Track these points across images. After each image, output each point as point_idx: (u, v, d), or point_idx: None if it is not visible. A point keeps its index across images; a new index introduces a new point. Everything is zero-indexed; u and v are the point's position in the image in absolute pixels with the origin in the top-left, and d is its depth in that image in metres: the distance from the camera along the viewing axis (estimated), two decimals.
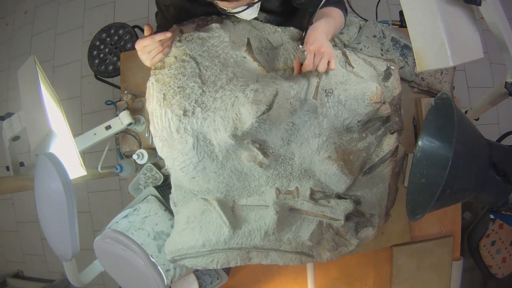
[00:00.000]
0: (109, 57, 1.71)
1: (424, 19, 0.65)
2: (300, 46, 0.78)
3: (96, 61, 1.71)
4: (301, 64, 0.81)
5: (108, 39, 1.72)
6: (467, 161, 0.60)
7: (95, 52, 1.72)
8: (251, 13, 0.82)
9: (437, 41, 0.64)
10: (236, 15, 0.81)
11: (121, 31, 1.72)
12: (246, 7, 0.76)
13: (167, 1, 0.93)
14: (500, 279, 1.47)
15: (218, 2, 0.75)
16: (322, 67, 0.79)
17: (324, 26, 0.85)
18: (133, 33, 1.71)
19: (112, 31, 1.72)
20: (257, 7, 0.81)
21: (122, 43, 1.71)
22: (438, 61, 0.66)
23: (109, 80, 1.83)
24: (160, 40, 0.79)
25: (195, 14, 0.95)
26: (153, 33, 0.80)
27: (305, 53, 0.78)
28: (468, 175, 0.62)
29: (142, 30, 1.51)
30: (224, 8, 0.77)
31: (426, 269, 1.18)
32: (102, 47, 1.72)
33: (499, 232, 1.41)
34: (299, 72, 0.84)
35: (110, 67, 1.70)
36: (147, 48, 0.79)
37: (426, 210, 0.63)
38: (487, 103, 0.90)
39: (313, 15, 0.80)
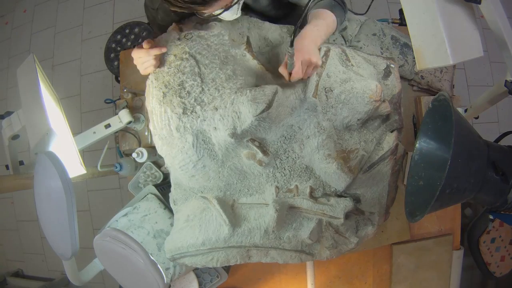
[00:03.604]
0: None
1: (424, 18, 0.65)
2: (289, 49, 0.72)
3: (115, 63, 1.68)
4: (290, 73, 0.79)
5: (124, 39, 1.70)
6: (466, 161, 0.61)
7: (112, 55, 1.69)
8: (231, 15, 0.82)
9: (437, 40, 0.64)
10: (218, 16, 0.80)
11: (136, 29, 1.69)
12: (222, 10, 0.76)
13: (155, 4, 0.93)
14: (499, 278, 1.47)
15: (195, 9, 0.73)
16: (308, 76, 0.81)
17: (314, 33, 0.80)
18: (150, 30, 1.67)
19: (127, 31, 1.70)
20: (237, 8, 0.80)
21: (140, 40, 1.67)
22: (438, 59, 0.65)
23: None
24: (155, 55, 0.80)
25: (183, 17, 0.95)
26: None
27: (293, 59, 0.74)
28: (466, 175, 0.62)
29: None
30: (203, 12, 0.75)
31: (426, 267, 1.18)
32: (118, 48, 1.70)
33: (500, 230, 1.42)
34: (289, 80, 0.80)
35: None
36: (142, 59, 0.81)
37: (425, 212, 0.63)
38: (487, 102, 0.89)
39: (304, 15, 0.71)
